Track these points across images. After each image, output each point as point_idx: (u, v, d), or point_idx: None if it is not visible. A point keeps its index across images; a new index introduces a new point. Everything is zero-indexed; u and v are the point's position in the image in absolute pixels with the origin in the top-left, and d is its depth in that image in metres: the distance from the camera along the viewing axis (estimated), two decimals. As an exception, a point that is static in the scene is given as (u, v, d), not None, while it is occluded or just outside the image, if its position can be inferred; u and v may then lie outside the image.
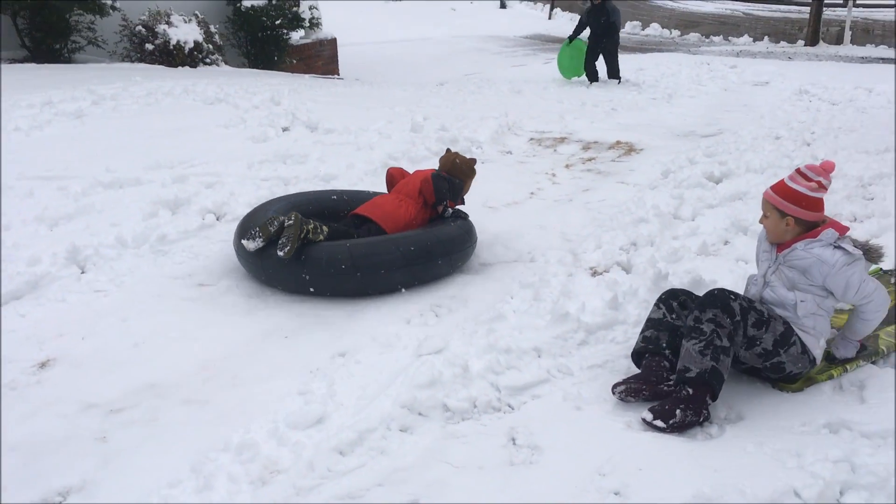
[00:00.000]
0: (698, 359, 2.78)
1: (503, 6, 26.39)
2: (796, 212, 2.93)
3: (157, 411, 2.92)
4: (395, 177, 4.59)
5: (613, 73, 11.76)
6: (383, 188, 4.70)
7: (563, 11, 24.26)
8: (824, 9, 17.28)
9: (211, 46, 11.01)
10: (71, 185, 4.98)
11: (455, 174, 4.52)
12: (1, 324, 3.46)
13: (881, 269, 3.88)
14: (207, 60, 10.91)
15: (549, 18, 23.90)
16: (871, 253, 2.92)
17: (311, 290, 3.86)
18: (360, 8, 23.93)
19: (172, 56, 10.40)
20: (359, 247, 3.89)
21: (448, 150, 4.73)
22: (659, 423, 2.76)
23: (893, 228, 4.46)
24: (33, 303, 3.69)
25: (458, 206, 4.48)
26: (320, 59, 13.64)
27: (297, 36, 13.16)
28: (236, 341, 3.44)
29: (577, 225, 4.92)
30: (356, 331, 3.54)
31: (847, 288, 2.87)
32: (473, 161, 4.64)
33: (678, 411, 2.76)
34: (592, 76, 11.67)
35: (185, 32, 10.55)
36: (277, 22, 12.13)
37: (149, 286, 3.93)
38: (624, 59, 14.07)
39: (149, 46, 10.36)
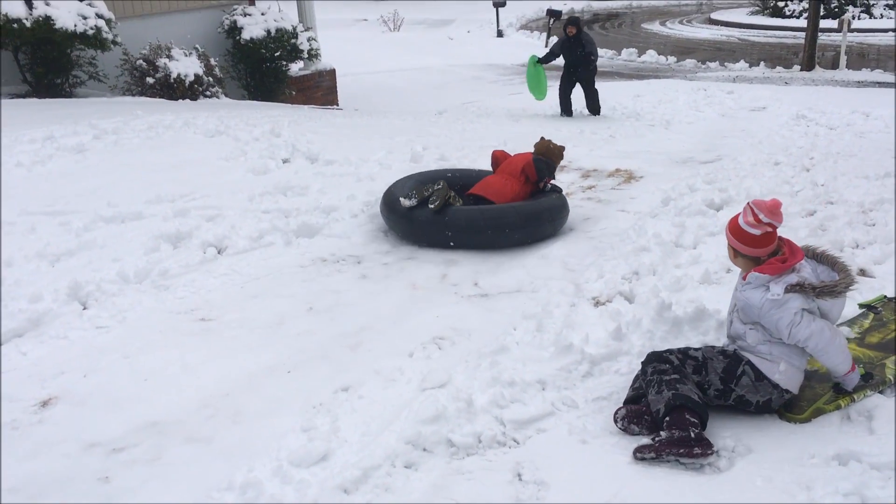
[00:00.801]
0: (659, 398, 2.87)
1: (500, 35, 26.59)
2: (735, 244, 3.02)
3: (159, 450, 2.89)
4: (498, 158, 5.69)
5: (594, 106, 11.27)
6: (382, 223, 5.37)
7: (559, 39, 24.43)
8: (820, 34, 17.40)
9: (211, 79, 11.09)
10: (73, 220, 4.99)
11: (549, 156, 5.63)
12: (1, 365, 3.45)
13: (885, 296, 3.87)
14: (208, 93, 10.98)
15: (546, 46, 24.05)
16: (824, 290, 2.89)
17: (451, 244, 4.94)
18: (359, 38, 24.15)
19: (173, 89, 10.46)
20: (489, 211, 5.08)
21: (542, 138, 5.92)
22: (645, 441, 2.79)
23: (893, 255, 4.45)
24: (35, 340, 3.68)
25: (553, 182, 5.47)
26: (319, 90, 13.72)
27: (296, 67, 13.27)
28: (239, 377, 3.42)
29: (579, 254, 4.92)
30: (359, 364, 3.53)
31: (778, 331, 2.92)
32: (563, 148, 5.85)
33: (663, 432, 2.78)
34: (567, 110, 11.27)
35: (185, 66, 10.62)
36: (277, 54, 12.22)
37: (151, 321, 3.92)
38: (621, 86, 14.21)
39: (149, 80, 10.42)
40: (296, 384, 3.37)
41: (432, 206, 4.90)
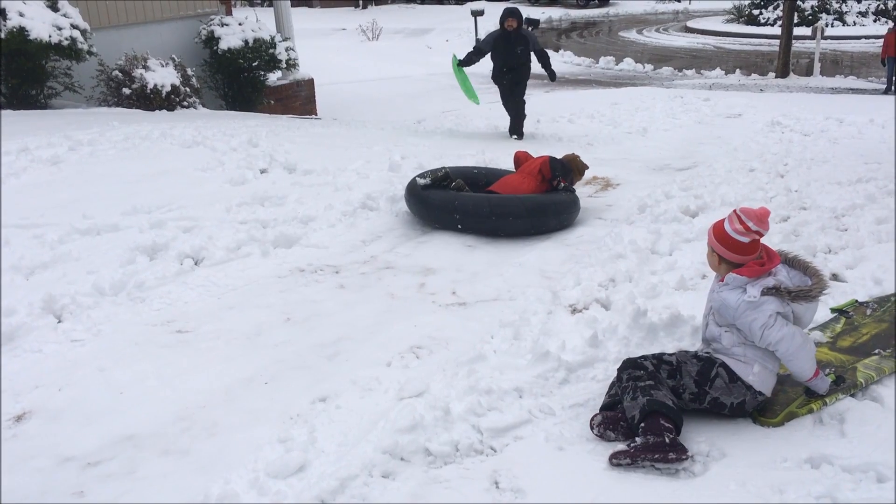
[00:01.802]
0: (634, 405, 2.90)
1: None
2: (721, 250, 3.05)
3: (135, 463, 2.88)
4: (521, 159, 6.17)
5: (517, 125, 9.65)
6: (359, 232, 5.49)
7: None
8: (794, 41, 17.62)
9: (188, 89, 11.04)
10: (47, 232, 4.94)
11: (569, 164, 5.98)
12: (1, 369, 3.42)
13: (856, 300, 3.92)
14: (185, 103, 10.92)
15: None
16: (799, 295, 2.94)
17: (459, 227, 5.39)
18: (337, 48, 24.15)
19: (150, 100, 10.41)
20: (496, 199, 5.46)
21: (573, 153, 6.35)
22: (621, 447, 2.81)
23: (891, 257, 4.52)
24: (9, 354, 3.64)
25: (566, 184, 5.77)
26: (298, 100, 13.71)
27: (274, 77, 13.24)
28: (215, 388, 3.41)
29: (556, 262, 4.95)
30: (336, 375, 3.52)
31: (751, 333, 2.96)
32: (587, 166, 6.25)
33: (638, 438, 2.81)
34: (521, 126, 9.70)
35: (162, 76, 10.57)
36: (254, 64, 12.20)
37: (126, 334, 3.89)
38: (598, 94, 14.27)
39: (126, 91, 10.35)
40: (273, 395, 3.36)
41: (422, 179, 5.57)
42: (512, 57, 9.36)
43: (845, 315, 3.77)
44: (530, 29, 25.21)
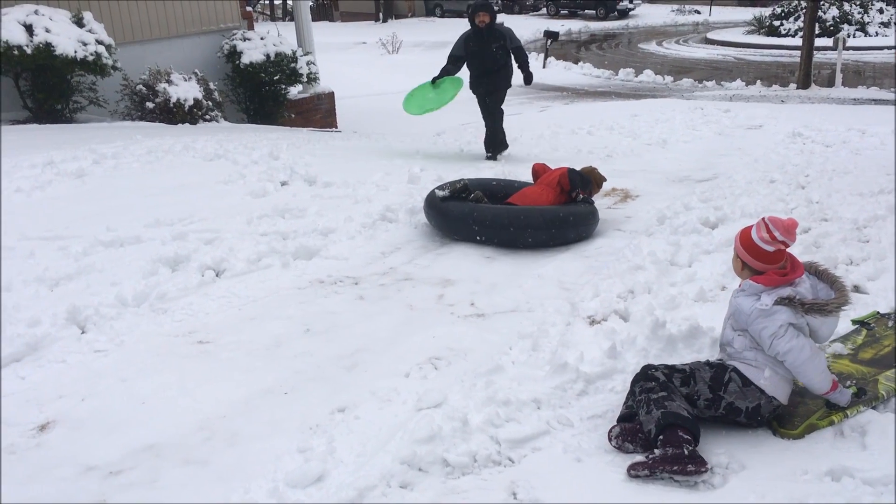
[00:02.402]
0: (649, 418, 2.89)
1: (498, 56, 26.74)
2: (744, 256, 3.08)
3: (156, 472, 2.91)
4: (539, 171, 6.14)
5: (496, 140, 8.61)
6: (379, 244, 5.51)
7: (556, 60, 24.60)
8: (815, 52, 17.52)
9: (210, 103, 11.17)
10: (72, 244, 5.02)
11: (587, 176, 5.97)
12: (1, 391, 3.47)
13: (878, 312, 3.89)
14: (207, 117, 11.06)
15: (544, 67, 24.22)
16: (813, 308, 2.94)
17: (478, 238, 5.41)
18: (358, 61, 24.31)
19: (173, 113, 10.54)
20: (514, 211, 5.49)
21: (591, 165, 6.38)
22: (639, 458, 2.81)
23: (893, 269, 4.48)
24: (33, 365, 3.69)
25: (585, 195, 5.75)
26: (318, 113, 13.82)
27: (295, 91, 13.36)
28: (236, 399, 3.44)
29: (575, 273, 4.95)
30: (355, 385, 3.54)
31: (761, 340, 2.98)
32: (604, 178, 6.26)
33: (657, 449, 2.81)
34: (499, 144, 8.66)
35: (184, 90, 10.71)
36: (276, 78, 12.32)
37: (148, 345, 3.94)
38: (618, 106, 14.23)
39: (149, 105, 10.50)
40: (292, 406, 3.38)
41: (441, 192, 5.56)
42: (488, 57, 8.24)
43: (867, 327, 3.74)
44: (549, 42, 25.25)
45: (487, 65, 8.31)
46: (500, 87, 8.59)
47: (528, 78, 8.89)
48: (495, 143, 8.74)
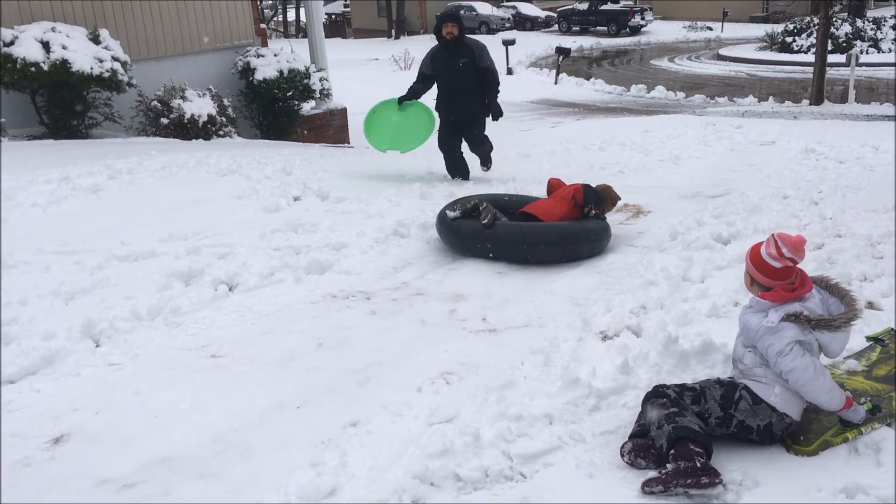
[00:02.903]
0: (660, 433, 2.89)
1: (510, 72, 26.88)
2: (752, 271, 3.09)
3: (169, 486, 2.92)
4: (554, 185, 6.15)
5: (483, 151, 8.01)
6: (391, 259, 5.53)
7: (568, 76, 24.69)
8: (828, 68, 17.51)
9: (224, 119, 11.27)
10: (87, 259, 5.06)
11: (602, 193, 5.99)
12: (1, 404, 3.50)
13: (892, 328, 3.87)
14: (221, 133, 11.15)
15: (556, 83, 24.32)
16: (820, 324, 2.94)
17: (491, 255, 5.39)
18: (370, 78, 24.45)
19: (187, 129, 10.64)
20: (527, 227, 5.46)
21: (604, 183, 6.35)
22: (652, 474, 2.81)
23: (894, 283, 4.47)
24: (48, 378, 3.72)
25: (597, 211, 5.75)
26: (331, 129, 13.91)
27: (308, 107, 13.47)
28: (249, 412, 3.45)
29: (587, 289, 4.94)
30: (367, 399, 3.55)
31: (767, 357, 2.98)
32: (619, 197, 6.25)
33: (669, 464, 2.80)
34: (460, 169, 8.00)
35: (199, 106, 10.82)
36: (289, 94, 12.43)
37: (162, 358, 3.96)
38: (630, 122, 14.23)
39: (164, 120, 10.61)
40: (305, 419, 3.39)
41: (452, 212, 5.51)
42: (455, 75, 7.42)
43: (881, 343, 3.72)
44: (561, 59, 25.26)
45: (455, 84, 7.51)
46: (478, 114, 7.73)
47: (494, 113, 7.75)
48: (485, 152, 8.17)
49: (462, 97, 7.57)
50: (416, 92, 7.87)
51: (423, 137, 8.08)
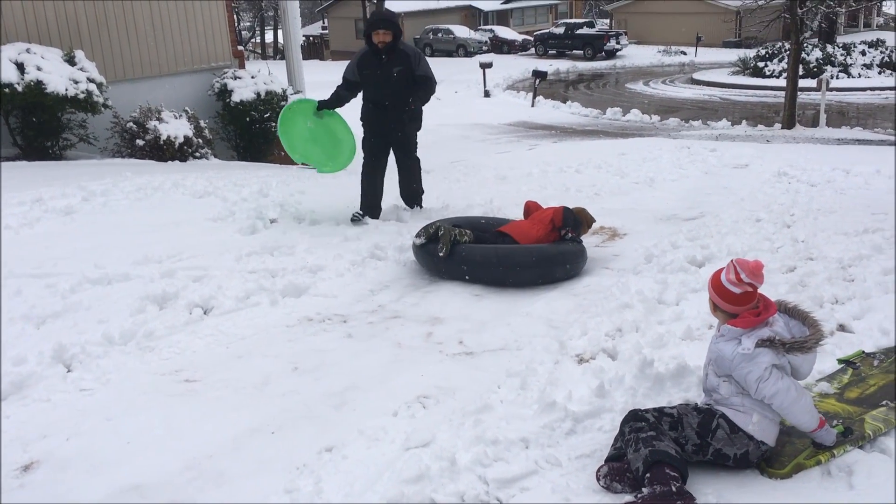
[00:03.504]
0: (637, 456, 2.89)
1: (487, 95, 27.06)
2: (715, 298, 3.11)
3: (141, 513, 2.88)
4: (531, 209, 6.14)
5: (412, 190, 7.21)
6: (367, 282, 5.52)
7: (545, 99, 24.89)
8: (799, 93, 17.80)
9: (200, 140, 11.23)
10: (59, 282, 5.00)
11: (579, 217, 5.97)
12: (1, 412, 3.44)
13: (863, 351, 3.92)
14: (197, 154, 11.11)
15: (532, 106, 24.50)
16: (794, 346, 2.96)
17: (467, 277, 5.40)
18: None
19: (163, 151, 10.59)
20: (503, 250, 5.48)
21: (580, 206, 6.29)
22: (628, 498, 2.82)
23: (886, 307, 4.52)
24: (18, 404, 3.66)
25: (573, 234, 5.77)
26: (309, 151, 13.88)
27: (285, 128, 13.43)
28: (223, 438, 3.41)
29: (563, 311, 4.96)
30: (343, 424, 3.53)
31: (746, 385, 2.99)
32: (594, 220, 6.22)
33: (645, 488, 2.80)
34: (373, 203, 6.97)
35: (175, 128, 10.77)
36: (266, 116, 12.41)
37: (135, 383, 3.92)
38: (606, 145, 14.36)
39: (139, 142, 10.55)
40: (280, 445, 3.36)
41: (441, 253, 5.38)
42: (387, 86, 6.56)
43: (852, 366, 3.76)
44: (538, 82, 25.49)
45: (385, 96, 6.63)
46: (408, 132, 6.91)
47: (410, 117, 6.78)
48: (415, 191, 7.27)
49: (394, 111, 6.68)
50: (340, 99, 6.93)
51: (341, 162, 7.08)
